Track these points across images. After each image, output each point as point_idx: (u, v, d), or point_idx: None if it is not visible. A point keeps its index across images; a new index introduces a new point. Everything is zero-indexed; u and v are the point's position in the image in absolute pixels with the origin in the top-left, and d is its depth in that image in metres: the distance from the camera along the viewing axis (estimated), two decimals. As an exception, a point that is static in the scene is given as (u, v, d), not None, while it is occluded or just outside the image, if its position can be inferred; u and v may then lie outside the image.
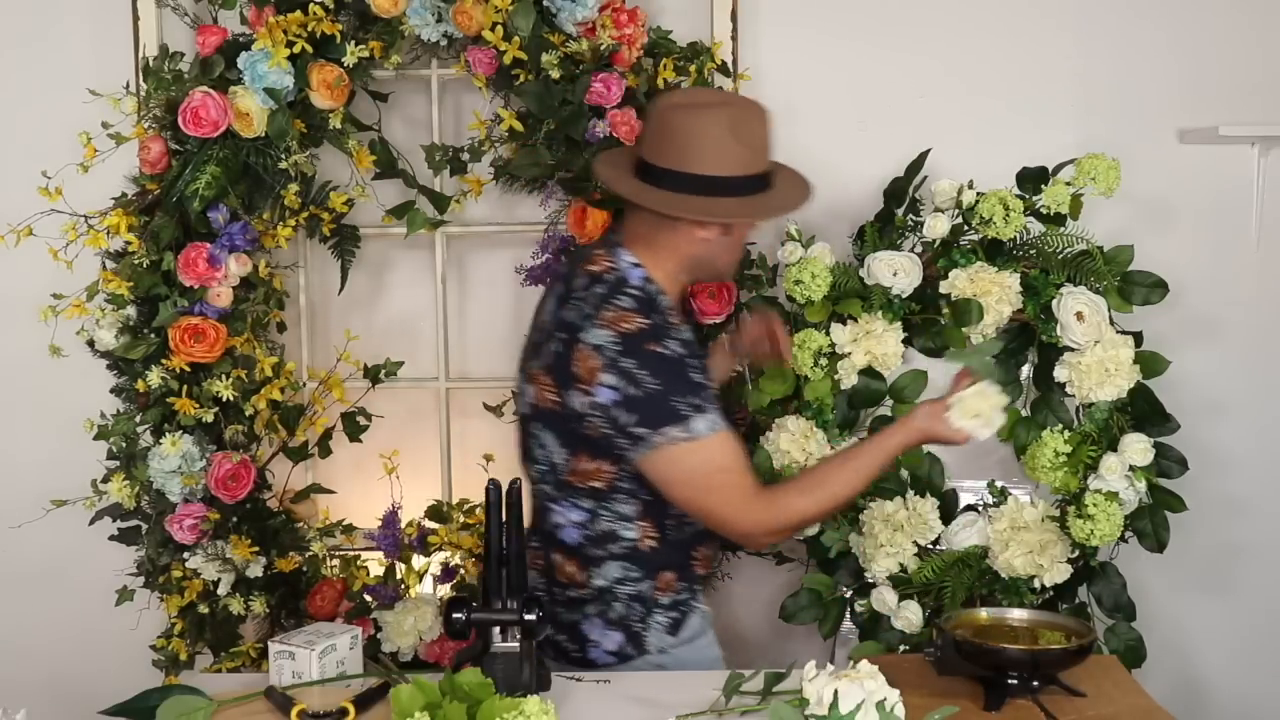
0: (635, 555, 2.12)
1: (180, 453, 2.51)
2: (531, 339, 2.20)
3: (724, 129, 2.03)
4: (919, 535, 2.55)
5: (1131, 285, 2.57)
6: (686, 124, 2.03)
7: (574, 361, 2.00)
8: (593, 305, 2.03)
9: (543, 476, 2.15)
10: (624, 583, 2.13)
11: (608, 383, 1.98)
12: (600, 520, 2.10)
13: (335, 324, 2.87)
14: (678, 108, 2.05)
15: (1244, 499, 2.83)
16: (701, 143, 2.02)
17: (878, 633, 2.60)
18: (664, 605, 2.15)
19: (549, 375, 2.06)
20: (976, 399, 2.05)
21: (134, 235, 2.52)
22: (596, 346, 1.99)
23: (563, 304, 2.10)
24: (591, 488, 2.09)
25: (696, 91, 2.14)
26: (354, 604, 2.68)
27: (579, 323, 2.02)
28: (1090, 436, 2.50)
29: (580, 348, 2.00)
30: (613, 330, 1.99)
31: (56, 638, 2.89)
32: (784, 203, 2.13)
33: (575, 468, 2.08)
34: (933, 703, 1.83)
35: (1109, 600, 2.58)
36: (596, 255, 2.12)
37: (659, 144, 2.06)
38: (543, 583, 2.18)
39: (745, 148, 2.05)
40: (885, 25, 2.79)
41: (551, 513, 2.15)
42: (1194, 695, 2.85)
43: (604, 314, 2.01)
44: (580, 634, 2.15)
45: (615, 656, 2.14)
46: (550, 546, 2.16)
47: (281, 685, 1.98)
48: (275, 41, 2.45)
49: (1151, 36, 2.78)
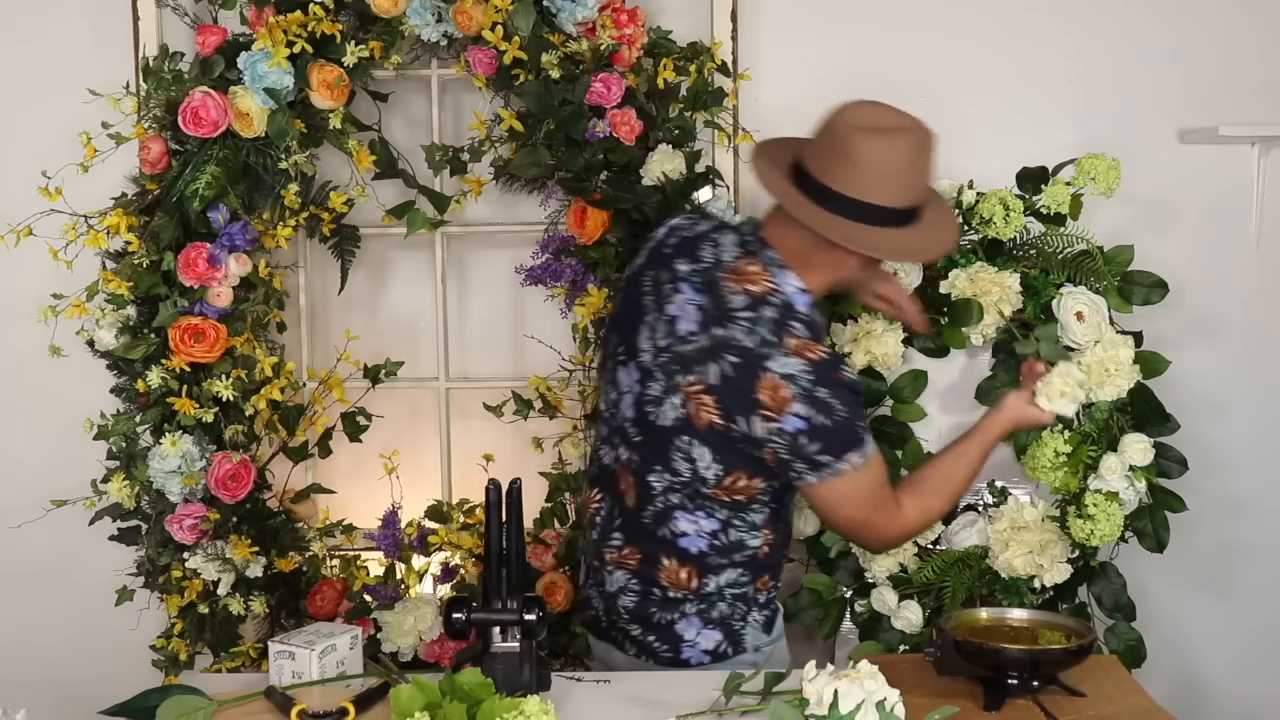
0: (753, 561, 2.14)
1: (180, 453, 2.51)
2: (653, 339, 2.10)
3: (905, 160, 2.01)
4: (919, 535, 2.55)
5: (1131, 285, 2.57)
6: (869, 150, 1.99)
7: (759, 389, 1.97)
8: (770, 331, 1.99)
9: (673, 486, 2.09)
10: (735, 586, 2.14)
11: (798, 412, 1.96)
12: (731, 530, 2.10)
13: (335, 324, 2.87)
14: (863, 131, 1.99)
15: (1244, 499, 2.83)
16: (881, 171, 1.99)
17: (878, 633, 2.60)
18: (760, 604, 2.17)
19: (712, 395, 2.01)
20: (1060, 380, 2.15)
21: (134, 235, 2.52)
22: (788, 376, 1.96)
23: (717, 320, 2.02)
24: (730, 502, 2.08)
25: (882, 111, 2.03)
26: (354, 604, 2.68)
27: (759, 349, 1.98)
28: (1090, 436, 2.50)
29: (768, 376, 1.97)
30: (802, 360, 1.97)
31: (56, 638, 2.89)
32: (942, 244, 2.15)
33: (727, 484, 2.06)
34: (933, 703, 1.83)
35: (1109, 600, 2.58)
36: (752, 272, 2.04)
37: (833, 162, 2.01)
38: (635, 583, 2.15)
39: (919, 179, 2.04)
40: (885, 25, 2.79)
41: (674, 520, 2.10)
42: (1194, 695, 2.85)
43: (788, 342, 1.98)
44: (675, 634, 2.14)
45: (711, 655, 2.14)
46: (663, 551, 2.12)
47: (281, 685, 1.98)
48: (275, 41, 2.45)
49: (1151, 37, 2.78)
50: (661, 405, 2.07)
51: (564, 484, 2.72)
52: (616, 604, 2.18)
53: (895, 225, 2.02)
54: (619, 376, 2.15)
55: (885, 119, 2.03)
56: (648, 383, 2.09)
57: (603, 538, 2.20)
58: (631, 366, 2.13)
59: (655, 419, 2.08)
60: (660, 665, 2.15)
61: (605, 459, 2.21)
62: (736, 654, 2.15)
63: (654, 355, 2.09)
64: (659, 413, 2.08)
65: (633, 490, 2.14)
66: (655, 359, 2.09)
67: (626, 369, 2.14)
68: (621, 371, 2.15)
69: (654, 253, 2.17)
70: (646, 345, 2.10)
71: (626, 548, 2.16)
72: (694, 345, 2.03)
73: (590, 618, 2.27)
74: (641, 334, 2.11)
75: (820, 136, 2.07)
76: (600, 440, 2.24)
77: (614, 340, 2.19)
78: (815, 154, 2.05)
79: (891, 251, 2.08)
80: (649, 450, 2.11)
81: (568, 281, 2.67)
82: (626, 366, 2.14)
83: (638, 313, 2.12)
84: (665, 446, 2.08)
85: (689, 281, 2.08)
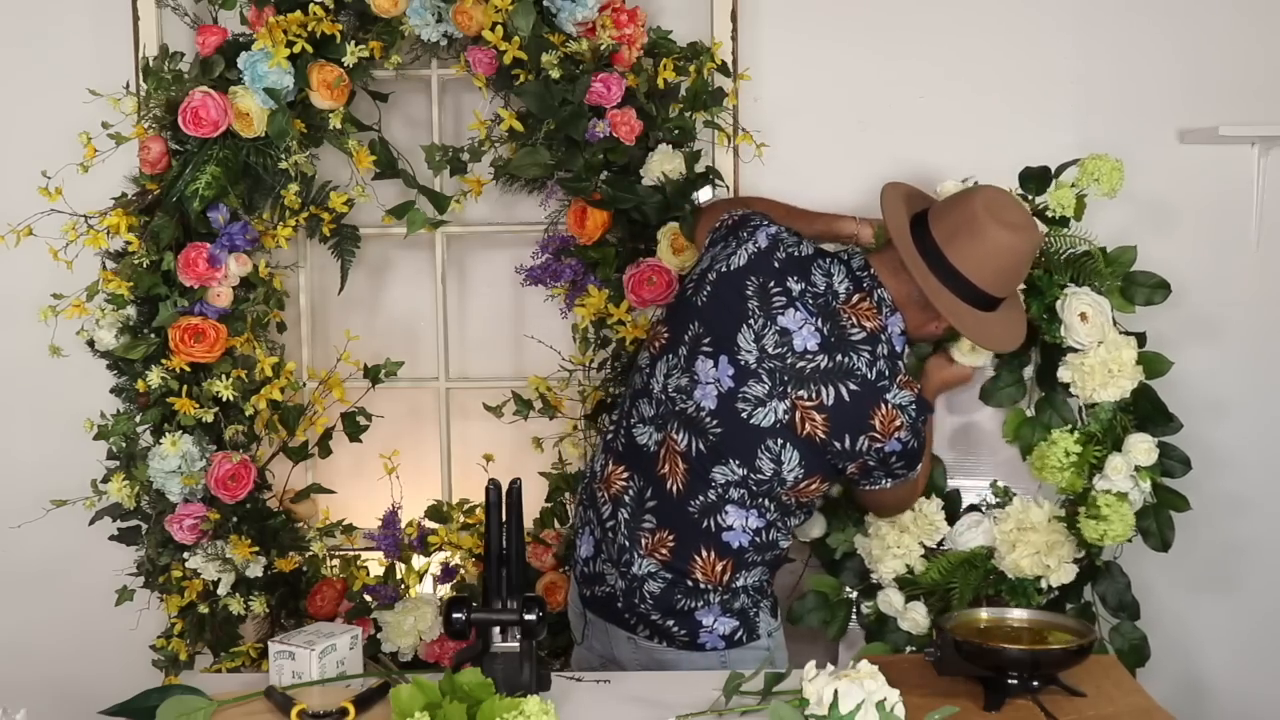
0: (776, 560, 2.29)
1: (180, 453, 2.51)
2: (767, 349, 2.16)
3: (1022, 257, 2.20)
4: (925, 536, 2.55)
5: (1134, 286, 2.57)
6: (998, 241, 2.15)
7: (875, 415, 2.13)
8: (887, 365, 2.16)
9: (744, 480, 2.17)
10: (760, 580, 2.25)
11: (902, 438, 2.16)
12: (772, 530, 2.22)
13: (335, 324, 2.87)
14: (998, 221, 2.15)
15: (1247, 498, 2.83)
16: (1000, 263, 2.16)
17: (884, 634, 2.59)
18: (767, 593, 2.29)
19: (823, 414, 2.13)
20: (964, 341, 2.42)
21: (134, 235, 2.52)
22: (900, 406, 2.14)
23: (835, 346, 2.15)
24: (789, 504, 2.20)
25: (1017, 206, 2.23)
26: (354, 604, 2.68)
27: (878, 381, 2.14)
28: (1095, 437, 2.50)
29: (886, 406, 2.14)
30: (912, 393, 2.16)
31: (56, 638, 2.89)
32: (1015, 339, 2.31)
33: (802, 486, 2.18)
34: (933, 703, 1.83)
35: (1113, 599, 2.58)
36: (866, 309, 2.18)
37: (960, 240, 2.15)
38: (664, 571, 2.20)
39: (1021, 277, 2.26)
40: (886, 25, 2.79)
41: (724, 513, 2.18)
42: (1197, 694, 2.84)
43: (899, 377, 2.16)
44: (694, 620, 2.20)
45: (726, 641, 2.21)
46: (703, 541, 2.19)
47: (281, 685, 1.97)
48: (275, 41, 2.45)
49: (1151, 36, 2.78)
50: (762, 407, 2.15)
51: (564, 484, 2.72)
52: (641, 588, 2.21)
53: (984, 308, 2.20)
54: (699, 365, 2.19)
55: (1018, 215, 2.21)
56: (748, 381, 2.16)
57: (634, 518, 2.22)
58: (724, 361, 2.17)
59: (749, 417, 2.15)
60: (673, 647, 2.21)
61: (642, 439, 2.24)
62: (750, 640, 2.23)
63: (759, 358, 2.16)
64: (755, 413, 2.15)
65: (682, 476, 2.19)
66: (761, 362, 2.16)
67: (714, 361, 2.18)
68: (705, 362, 2.19)
69: (759, 260, 2.22)
70: (749, 346, 2.16)
71: (660, 532, 2.20)
72: (813, 365, 2.15)
73: (599, 597, 2.28)
74: (743, 334, 2.17)
75: (952, 206, 2.21)
76: (639, 419, 2.26)
77: (695, 329, 2.22)
78: (943, 221, 2.19)
79: (972, 331, 2.22)
80: (731, 443, 2.17)
81: (568, 281, 2.66)
82: (714, 359, 2.18)
83: (738, 312, 2.18)
84: (754, 444, 2.16)
85: (803, 302, 2.18)
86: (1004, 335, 2.28)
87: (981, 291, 2.17)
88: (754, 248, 2.22)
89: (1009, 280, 2.21)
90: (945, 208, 2.22)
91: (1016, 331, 2.31)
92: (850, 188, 2.73)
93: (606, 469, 2.28)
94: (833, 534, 2.62)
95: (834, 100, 2.80)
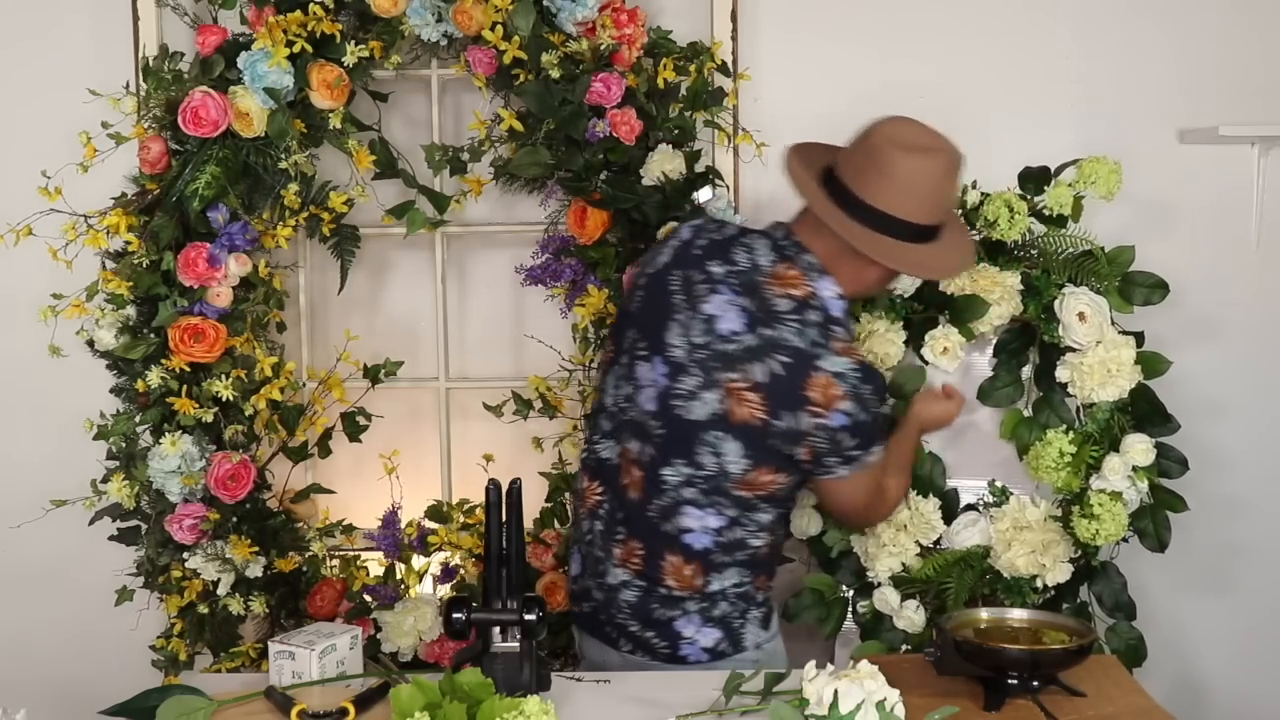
0: (754, 561, 2.18)
1: (180, 453, 2.51)
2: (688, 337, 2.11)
3: (936, 179, 2.09)
4: (921, 535, 2.55)
5: (1132, 286, 2.57)
6: (905, 166, 2.06)
7: (809, 386, 2.04)
8: (819, 333, 2.06)
9: (691, 480, 2.11)
10: (738, 585, 2.17)
11: (844, 409, 2.04)
12: (736, 529, 2.13)
13: (335, 324, 2.87)
14: (900, 148, 2.06)
15: (1244, 499, 2.83)
16: (913, 188, 2.06)
17: (880, 633, 2.60)
18: (759, 602, 2.21)
19: (758, 393, 2.05)
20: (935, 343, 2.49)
21: (134, 235, 2.52)
22: (838, 374, 2.04)
23: (764, 321, 2.07)
24: (746, 500, 2.11)
25: (919, 129, 2.09)
26: (354, 604, 2.68)
27: (810, 350, 2.05)
28: (1092, 437, 2.50)
29: (818, 375, 2.04)
30: (851, 359, 2.06)
31: (56, 638, 2.89)
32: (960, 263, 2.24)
33: (750, 478, 2.10)
34: (933, 703, 1.83)
35: (1110, 600, 2.58)
36: (792, 276, 2.10)
37: (867, 175, 2.07)
38: (638, 580, 2.16)
39: (946, 199, 2.14)
40: (885, 25, 2.79)
41: (683, 516, 2.12)
42: (1194, 695, 2.85)
43: (834, 343, 2.06)
44: (673, 631, 2.16)
45: (710, 653, 2.15)
46: (666, 547, 2.14)
47: (281, 685, 1.97)
48: (275, 41, 2.45)
49: (1151, 36, 2.78)
50: (694, 400, 2.10)
51: (564, 484, 2.72)
52: (617, 598, 2.18)
53: (918, 241, 2.10)
54: (638, 371, 2.16)
55: (922, 138, 2.10)
56: (679, 377, 2.11)
57: (608, 530, 2.20)
58: (657, 361, 2.14)
59: (684, 413, 2.10)
60: (657, 662, 2.16)
61: (604, 453, 2.22)
62: (736, 652, 2.17)
63: (689, 352, 2.11)
64: (689, 407, 2.10)
65: (639, 484, 2.15)
66: (691, 355, 2.11)
67: (649, 364, 2.15)
68: (643, 366, 2.16)
69: (680, 253, 2.18)
70: (679, 342, 2.12)
71: (631, 542, 2.17)
72: (739, 345, 2.07)
73: (586, 613, 2.27)
74: (671, 331, 2.13)
75: (856, 147, 2.13)
76: (600, 435, 2.24)
77: (631, 336, 2.19)
78: (850, 164, 2.11)
79: (913, 267, 2.16)
80: (671, 443, 2.12)
81: (568, 281, 2.67)
82: (650, 361, 2.15)
83: (665, 310, 2.14)
84: (691, 440, 2.10)
85: (726, 283, 2.11)
86: (943, 262, 2.18)
87: (907, 223, 2.07)
88: (676, 242, 2.21)
89: (932, 205, 2.09)
90: (849, 152, 2.13)
91: (958, 255, 2.20)
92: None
93: (583, 485, 2.28)
94: (829, 532, 2.61)
95: (834, 100, 2.78)
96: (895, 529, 2.54)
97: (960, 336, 2.53)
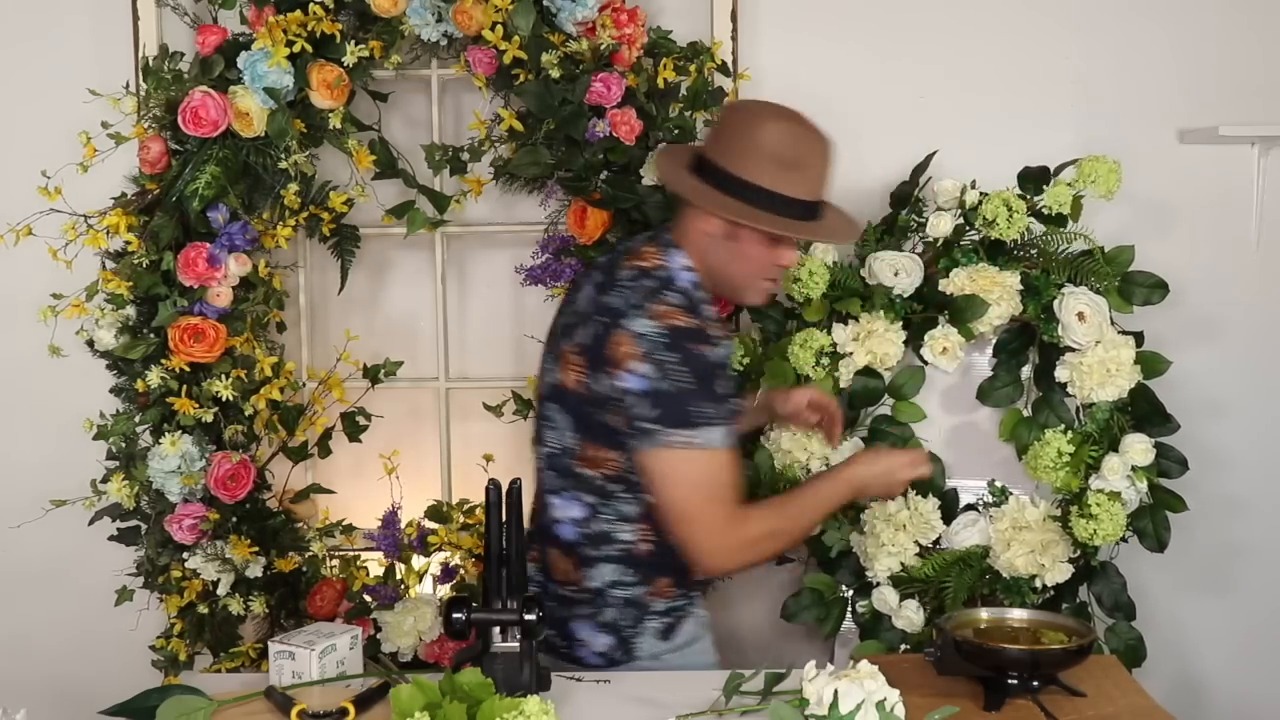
0: (631, 558, 2.11)
1: (180, 453, 2.51)
2: (562, 321, 2.17)
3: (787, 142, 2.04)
4: (920, 535, 2.55)
5: (1132, 286, 2.57)
6: (738, 123, 2.07)
7: (610, 343, 2.00)
8: (641, 296, 2.02)
9: (549, 462, 2.14)
10: (618, 586, 2.11)
11: (639, 371, 1.97)
12: (599, 519, 2.09)
13: (335, 324, 2.87)
14: (737, 107, 2.10)
15: (1244, 499, 2.83)
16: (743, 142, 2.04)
17: (879, 632, 2.60)
18: (658, 611, 2.14)
19: (581, 356, 2.05)
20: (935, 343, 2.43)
21: (134, 235, 2.52)
22: (639, 335, 1.98)
23: (603, 290, 2.07)
24: (595, 483, 2.07)
25: (771, 104, 2.12)
26: (354, 604, 2.68)
27: (624, 309, 2.01)
28: (1091, 437, 2.51)
29: (620, 333, 1.99)
30: (660, 323, 1.99)
31: (56, 638, 2.89)
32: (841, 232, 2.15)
33: (583, 454, 2.07)
34: (933, 703, 1.83)
35: (1109, 600, 2.58)
36: (647, 251, 2.10)
37: (711, 139, 2.12)
38: (540, 577, 2.17)
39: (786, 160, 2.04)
40: (886, 25, 2.79)
41: (552, 507, 2.14)
42: (1194, 695, 2.85)
43: (652, 306, 2.00)
44: (569, 631, 2.14)
45: (603, 659, 2.13)
46: (547, 541, 2.16)
47: (281, 685, 1.97)
48: (275, 41, 2.45)
49: (1151, 36, 2.78)
50: (545, 376, 2.15)
51: (564, 484, 2.72)
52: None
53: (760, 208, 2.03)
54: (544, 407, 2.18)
55: (768, 108, 2.11)
56: (545, 363, 2.17)
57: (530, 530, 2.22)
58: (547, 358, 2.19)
59: (540, 391, 2.17)
60: (559, 661, 2.14)
61: None
62: (630, 660, 2.13)
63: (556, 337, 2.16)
64: (542, 385, 2.16)
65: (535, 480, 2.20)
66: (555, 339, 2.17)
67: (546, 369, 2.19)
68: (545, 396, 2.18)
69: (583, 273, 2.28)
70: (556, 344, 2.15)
71: (532, 540, 2.18)
72: (581, 313, 2.10)
73: None
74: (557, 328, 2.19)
75: (720, 133, 2.12)
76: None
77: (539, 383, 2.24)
78: (717, 148, 2.09)
79: (715, 205, 2.05)
80: (536, 428, 2.18)
81: (568, 281, 2.66)
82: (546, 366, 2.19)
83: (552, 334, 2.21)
84: (541, 418, 2.15)
85: (592, 278, 2.15)
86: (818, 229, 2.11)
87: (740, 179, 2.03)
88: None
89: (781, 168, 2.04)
90: (714, 137, 2.11)
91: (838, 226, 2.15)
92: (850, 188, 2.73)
93: None
94: (828, 532, 2.61)
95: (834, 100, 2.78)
96: (895, 529, 2.54)
97: (960, 336, 2.53)
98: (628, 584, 2.11)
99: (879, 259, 2.55)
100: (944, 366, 2.52)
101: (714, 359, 2.02)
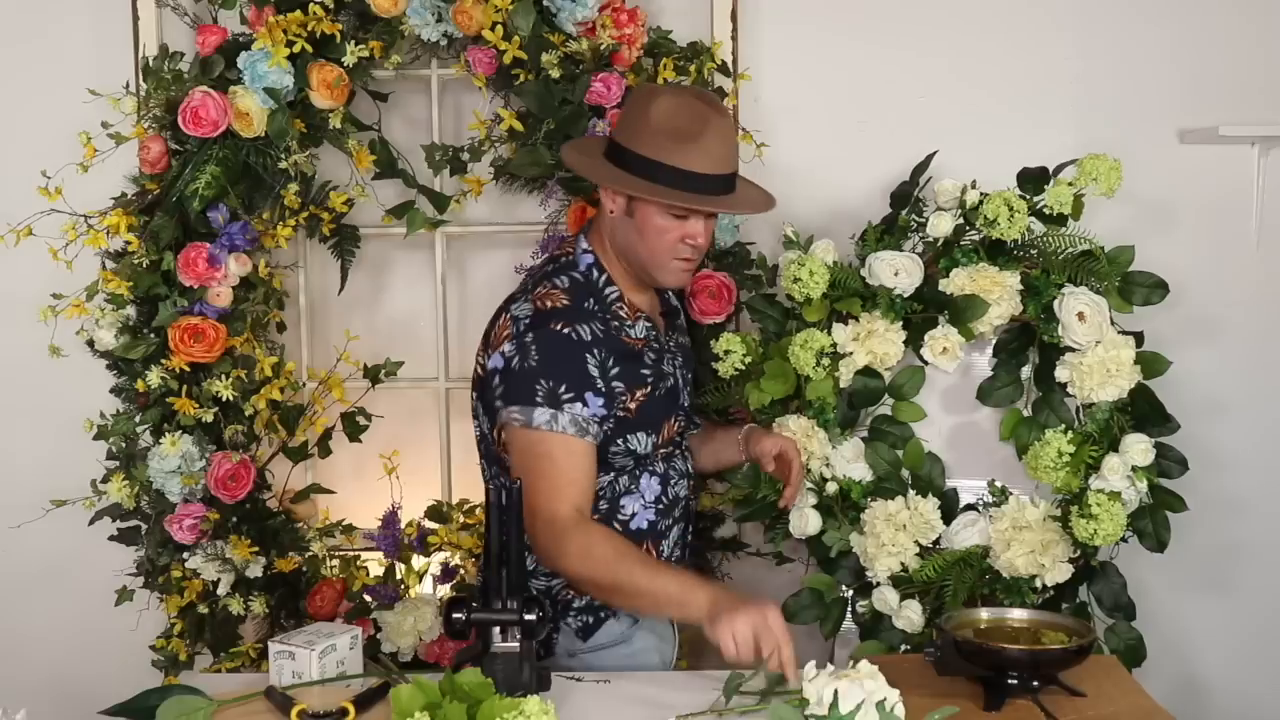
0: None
1: (180, 453, 2.51)
2: None
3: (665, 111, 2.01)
4: (920, 535, 2.55)
5: (1132, 286, 2.57)
6: (635, 102, 2.09)
7: (495, 329, 2.08)
8: (535, 282, 2.09)
9: (480, 450, 2.18)
10: (533, 576, 2.10)
11: (504, 351, 2.02)
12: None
13: (335, 324, 2.87)
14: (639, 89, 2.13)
15: (1244, 499, 2.83)
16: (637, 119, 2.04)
17: (879, 632, 2.59)
18: (576, 609, 2.12)
19: (481, 342, 2.13)
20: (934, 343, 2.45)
21: (134, 235, 2.53)
22: (515, 317, 2.04)
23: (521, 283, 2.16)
24: (507, 467, 2.07)
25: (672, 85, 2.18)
26: (354, 604, 2.68)
27: (517, 295, 2.10)
28: (1091, 437, 2.50)
29: (505, 316, 2.07)
30: (533, 305, 2.03)
31: (56, 638, 2.89)
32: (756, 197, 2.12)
33: (496, 439, 2.10)
34: (933, 703, 1.83)
35: (1109, 600, 2.58)
36: (567, 241, 2.18)
37: (617, 124, 2.13)
38: None
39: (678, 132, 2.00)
40: (886, 25, 2.79)
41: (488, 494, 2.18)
42: (1194, 695, 2.85)
43: (537, 290, 2.06)
44: None
45: None
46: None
47: (281, 685, 1.97)
48: (275, 41, 2.45)
49: (1151, 36, 2.78)
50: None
51: (564, 484, 2.71)
52: None
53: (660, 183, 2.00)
54: None
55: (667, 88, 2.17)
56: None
57: None
58: None
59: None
60: None
61: None
62: (547, 655, 2.12)
63: None
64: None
65: None
66: None
67: None
68: None
69: None
70: None
71: None
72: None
73: None
74: None
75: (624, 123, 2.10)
76: None
77: None
78: (624, 134, 2.07)
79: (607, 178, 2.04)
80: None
81: (568, 281, 2.67)
82: None
83: None
84: (472, 406, 2.18)
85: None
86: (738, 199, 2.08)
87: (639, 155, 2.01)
88: None
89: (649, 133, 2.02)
90: (620, 126, 2.10)
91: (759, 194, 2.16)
92: (850, 187, 2.74)
93: None
94: (828, 532, 2.61)
95: (834, 100, 2.80)
96: (895, 529, 2.54)
97: (960, 336, 2.53)
98: (542, 574, 2.10)
99: (879, 259, 2.55)
100: (944, 366, 2.52)
101: (580, 339, 1.99)
